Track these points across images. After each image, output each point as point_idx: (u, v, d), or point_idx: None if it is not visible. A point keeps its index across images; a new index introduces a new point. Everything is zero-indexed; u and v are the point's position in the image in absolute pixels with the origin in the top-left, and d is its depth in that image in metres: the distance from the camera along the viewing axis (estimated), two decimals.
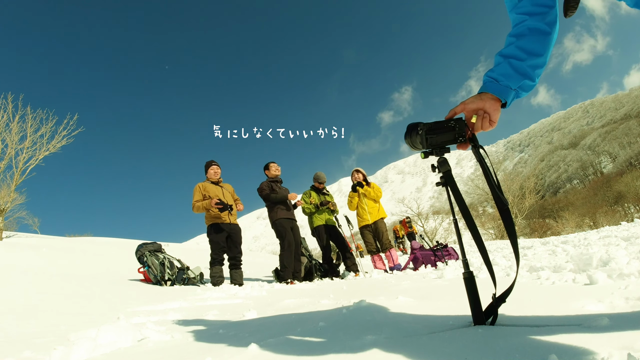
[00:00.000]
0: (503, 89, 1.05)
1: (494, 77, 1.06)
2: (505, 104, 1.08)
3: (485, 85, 1.07)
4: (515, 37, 1.05)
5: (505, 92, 1.05)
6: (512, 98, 1.08)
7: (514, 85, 1.05)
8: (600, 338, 0.82)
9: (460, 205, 1.11)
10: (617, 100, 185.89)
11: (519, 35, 1.05)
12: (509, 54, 1.05)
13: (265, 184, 5.22)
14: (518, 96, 1.10)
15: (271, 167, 5.38)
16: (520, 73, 1.04)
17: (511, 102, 1.08)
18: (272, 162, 5.43)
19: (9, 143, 10.58)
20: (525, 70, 1.04)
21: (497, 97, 1.05)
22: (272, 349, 1.07)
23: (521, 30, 1.05)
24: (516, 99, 1.10)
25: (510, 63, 1.04)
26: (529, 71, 1.04)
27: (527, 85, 1.07)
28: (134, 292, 3.69)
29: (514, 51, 1.05)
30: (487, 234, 30.39)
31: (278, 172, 5.40)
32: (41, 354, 1.26)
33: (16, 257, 5.25)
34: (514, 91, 1.06)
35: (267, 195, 5.14)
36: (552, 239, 9.33)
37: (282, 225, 5.04)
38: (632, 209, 49.28)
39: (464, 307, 1.20)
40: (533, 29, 1.03)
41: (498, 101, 1.05)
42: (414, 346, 0.94)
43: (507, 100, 1.06)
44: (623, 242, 3.92)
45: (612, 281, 1.62)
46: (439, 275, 3.24)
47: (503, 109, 1.09)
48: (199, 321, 1.94)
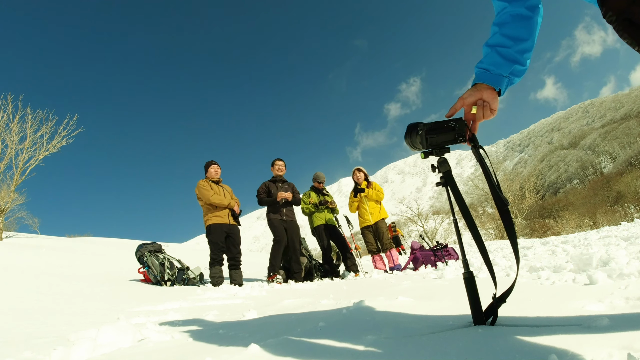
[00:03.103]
0: (496, 77, 1.07)
1: (485, 67, 1.08)
2: (500, 92, 1.09)
3: (478, 77, 1.09)
4: (499, 25, 1.07)
5: (499, 80, 1.07)
6: (506, 85, 1.09)
7: (505, 72, 1.07)
8: (600, 338, 0.82)
9: (460, 205, 1.11)
10: (617, 100, 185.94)
11: (501, 24, 1.07)
12: (495, 42, 1.07)
13: (262, 187, 5.38)
14: (511, 82, 1.11)
15: (275, 165, 5.50)
16: (509, 60, 1.06)
17: (505, 89, 1.10)
18: (278, 160, 5.52)
19: (9, 143, 10.58)
20: (513, 56, 1.05)
21: (492, 86, 1.07)
22: (272, 349, 1.07)
23: (503, 19, 1.06)
24: (510, 85, 1.12)
25: (498, 51, 1.06)
26: (517, 56, 1.06)
27: (518, 70, 1.08)
28: (134, 292, 3.69)
29: (500, 39, 1.06)
30: (487, 234, 30.39)
31: (280, 172, 5.48)
32: (41, 354, 1.26)
33: (16, 258, 5.25)
34: (507, 78, 1.08)
35: (260, 200, 5.35)
36: (552, 239, 9.33)
37: (272, 224, 5.20)
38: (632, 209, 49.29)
39: (464, 307, 1.20)
40: (514, 15, 1.04)
41: (494, 90, 1.07)
42: (414, 346, 0.94)
43: (501, 87, 1.08)
44: (623, 242, 3.92)
45: (612, 281, 1.62)
46: (439, 275, 3.24)
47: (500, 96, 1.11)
48: (199, 321, 1.94)
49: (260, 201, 5.33)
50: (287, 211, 5.29)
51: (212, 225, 4.83)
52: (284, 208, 5.25)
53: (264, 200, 5.30)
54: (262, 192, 5.34)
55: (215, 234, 4.79)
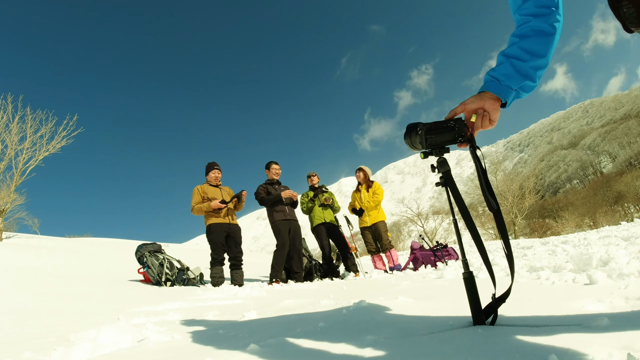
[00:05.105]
0: (504, 89, 1.05)
1: (496, 76, 1.06)
2: (505, 104, 1.08)
3: (487, 85, 1.08)
4: (519, 37, 1.06)
5: (506, 92, 1.05)
6: (513, 98, 1.08)
7: (515, 86, 1.05)
8: (600, 338, 0.82)
9: (460, 205, 1.11)
10: (617, 100, 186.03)
11: (522, 36, 1.05)
12: (512, 54, 1.05)
13: (261, 188, 5.30)
14: (519, 96, 1.10)
15: (272, 169, 5.43)
16: (521, 74, 1.04)
17: (511, 102, 1.08)
18: (274, 163, 5.47)
19: (9, 144, 10.58)
20: (527, 71, 1.04)
21: (497, 96, 1.05)
22: (271, 350, 1.07)
23: (525, 31, 1.05)
24: (517, 99, 1.10)
25: (513, 63, 1.04)
26: (530, 72, 1.04)
27: (528, 85, 1.07)
28: (133, 292, 3.69)
29: (517, 51, 1.05)
30: (487, 234, 30.41)
31: (276, 176, 5.44)
32: (41, 354, 1.25)
33: (16, 258, 5.25)
34: (515, 91, 1.07)
35: (261, 199, 5.24)
36: (552, 239, 9.34)
37: (277, 227, 5.11)
38: (632, 209, 49.32)
39: (464, 307, 1.20)
40: (537, 30, 1.03)
41: (498, 101, 1.06)
42: (413, 346, 0.94)
43: (507, 100, 1.07)
44: (623, 242, 3.93)
45: (612, 281, 1.63)
46: (438, 275, 3.24)
47: (504, 108, 1.10)
48: (198, 322, 1.94)
49: (261, 201, 5.22)
50: (290, 210, 5.27)
51: (212, 225, 4.83)
52: (287, 207, 5.23)
53: (265, 199, 5.19)
54: (263, 192, 5.26)
55: (216, 234, 4.79)
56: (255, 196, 5.31)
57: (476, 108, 1.06)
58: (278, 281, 4.76)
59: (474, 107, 1.06)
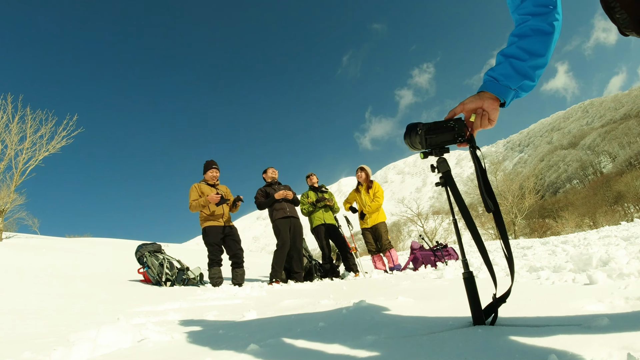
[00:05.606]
0: (502, 89, 1.05)
1: (494, 76, 1.06)
2: (504, 104, 1.08)
3: (485, 84, 1.08)
4: (518, 37, 1.06)
5: (505, 92, 1.05)
6: (512, 98, 1.08)
7: (513, 85, 1.05)
8: (600, 338, 0.82)
9: (460, 205, 1.11)
10: (617, 100, 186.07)
11: (521, 36, 1.05)
12: (511, 53, 1.05)
13: (259, 192, 5.36)
14: (517, 96, 1.10)
15: (268, 171, 5.54)
16: (520, 74, 1.04)
17: (510, 101, 1.08)
18: (270, 168, 5.58)
19: (9, 144, 10.58)
20: (525, 70, 1.04)
21: (496, 96, 1.06)
22: (271, 350, 1.07)
23: (524, 31, 1.05)
24: (516, 98, 1.10)
25: (511, 63, 1.04)
26: (529, 72, 1.04)
27: (527, 85, 1.07)
28: (133, 292, 3.69)
29: (516, 51, 1.05)
30: (487, 234, 30.41)
31: (275, 175, 5.51)
32: (41, 354, 1.25)
33: (16, 258, 5.25)
34: (514, 91, 1.07)
35: (259, 204, 5.32)
36: (552, 239, 9.34)
37: (277, 226, 5.15)
38: (631, 209, 49.32)
39: (464, 307, 1.20)
40: (535, 29, 1.03)
41: (497, 100, 1.06)
42: (413, 346, 0.94)
43: (506, 100, 1.07)
44: (623, 242, 3.93)
45: (612, 281, 1.63)
46: (438, 275, 3.24)
47: (503, 107, 1.10)
48: (198, 322, 1.94)
49: (259, 205, 5.29)
50: (290, 208, 5.27)
51: (207, 228, 4.86)
52: (287, 204, 5.24)
53: (262, 204, 5.27)
54: (261, 197, 5.32)
55: (212, 236, 4.82)
56: (255, 201, 5.37)
57: (475, 108, 1.06)
58: (278, 281, 4.77)
59: (473, 106, 1.06)
